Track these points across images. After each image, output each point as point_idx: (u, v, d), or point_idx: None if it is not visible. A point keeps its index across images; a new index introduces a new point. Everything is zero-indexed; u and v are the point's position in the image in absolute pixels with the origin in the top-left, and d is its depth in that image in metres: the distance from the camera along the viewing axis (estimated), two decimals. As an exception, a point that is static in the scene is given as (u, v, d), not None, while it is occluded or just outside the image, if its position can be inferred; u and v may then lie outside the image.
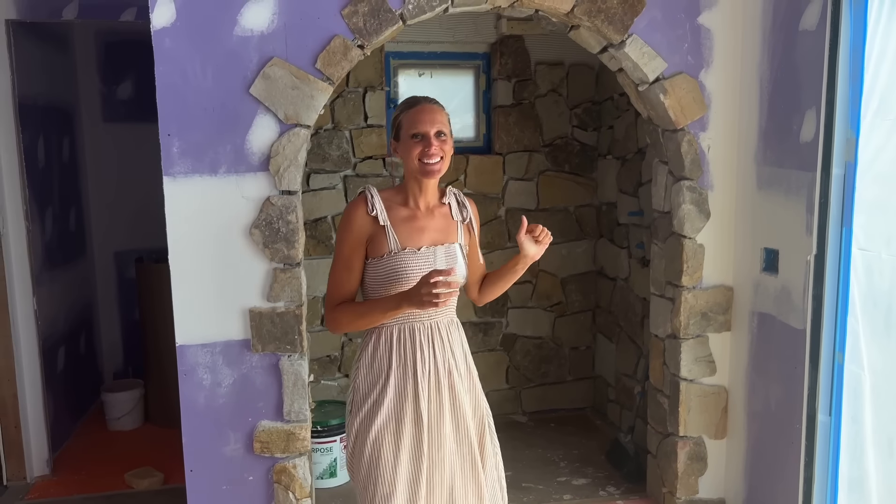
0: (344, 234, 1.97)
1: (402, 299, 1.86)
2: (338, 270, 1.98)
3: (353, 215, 1.96)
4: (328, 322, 2.01)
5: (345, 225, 1.97)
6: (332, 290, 1.99)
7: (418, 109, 2.00)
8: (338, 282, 1.98)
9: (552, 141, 4.35)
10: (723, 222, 2.92)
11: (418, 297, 1.80)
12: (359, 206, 1.97)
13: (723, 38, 2.83)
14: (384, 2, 2.57)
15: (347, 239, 1.97)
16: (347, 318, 1.97)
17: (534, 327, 4.49)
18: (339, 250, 1.98)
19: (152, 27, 2.45)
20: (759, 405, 2.85)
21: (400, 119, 2.02)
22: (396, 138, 2.03)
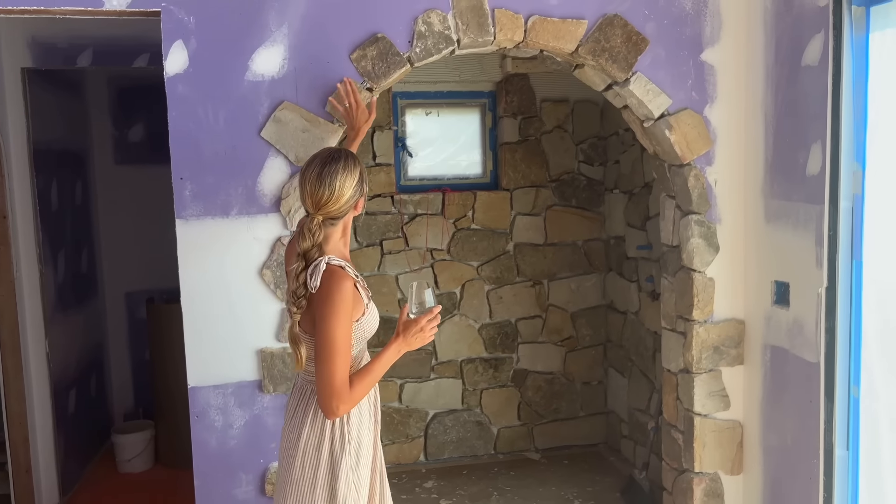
0: (344, 309, 1.84)
1: (401, 346, 1.97)
2: (345, 349, 1.84)
3: (347, 291, 1.86)
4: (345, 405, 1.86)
5: (342, 302, 1.84)
6: (343, 372, 1.84)
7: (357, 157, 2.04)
8: (346, 360, 1.86)
9: (559, 176, 4.39)
10: (732, 256, 2.92)
11: (420, 337, 1.95)
12: (347, 278, 1.88)
13: (726, 74, 2.86)
14: (392, 45, 2.62)
15: (346, 313, 1.86)
16: (363, 390, 1.91)
17: (545, 362, 4.47)
18: (340, 328, 1.83)
19: (165, 74, 2.50)
20: (774, 440, 2.82)
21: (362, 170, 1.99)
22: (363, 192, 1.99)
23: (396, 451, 4.32)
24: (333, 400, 1.83)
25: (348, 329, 1.86)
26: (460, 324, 4.36)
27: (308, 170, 1.93)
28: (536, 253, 4.40)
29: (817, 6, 2.48)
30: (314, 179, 1.90)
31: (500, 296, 4.39)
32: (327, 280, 1.85)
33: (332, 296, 1.84)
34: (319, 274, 1.86)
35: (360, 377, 1.91)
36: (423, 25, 2.63)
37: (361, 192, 1.98)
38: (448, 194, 4.28)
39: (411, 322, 1.97)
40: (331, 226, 1.95)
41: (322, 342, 1.84)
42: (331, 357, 1.82)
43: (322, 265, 1.87)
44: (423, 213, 4.26)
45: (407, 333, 1.96)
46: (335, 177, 1.90)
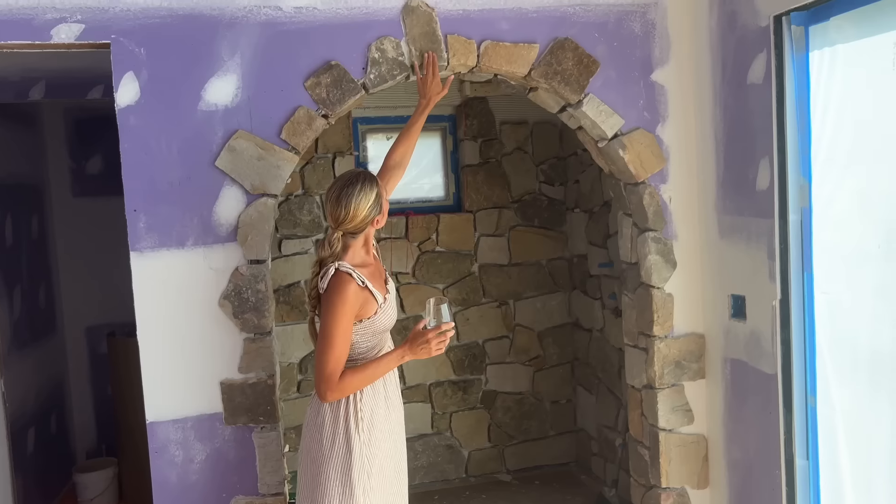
0: (343, 310, 2.12)
1: (405, 353, 2.18)
2: (340, 345, 2.11)
3: (349, 293, 2.13)
4: (332, 393, 2.13)
5: (342, 304, 2.12)
6: (334, 363, 2.11)
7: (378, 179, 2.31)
8: (340, 355, 2.13)
9: (521, 197, 4.42)
10: (689, 271, 2.97)
11: (425, 349, 2.15)
12: (351, 282, 2.13)
13: (676, 93, 2.93)
14: (346, 72, 2.63)
15: (347, 314, 2.13)
16: (356, 384, 2.17)
17: (513, 383, 4.47)
18: (337, 326, 2.11)
19: (117, 105, 2.48)
20: (738, 452, 2.85)
21: (380, 192, 2.25)
22: (380, 211, 2.25)
23: (367, 478, 4.27)
24: (322, 385, 2.11)
25: (346, 326, 2.12)
26: (427, 347, 4.33)
27: (330, 190, 2.21)
28: (501, 273, 4.42)
29: (759, 26, 2.55)
30: (334, 200, 2.19)
31: (466, 317, 4.39)
32: (333, 283, 2.14)
33: (333, 297, 2.12)
34: (328, 278, 2.16)
35: (353, 371, 2.15)
36: (376, 52, 2.66)
37: (379, 210, 2.23)
38: (411, 217, 4.28)
39: (420, 333, 2.17)
40: (352, 238, 2.23)
41: (321, 335, 2.14)
42: (325, 349, 2.11)
43: (331, 270, 2.16)
44: (386, 237, 4.26)
45: (413, 343, 2.17)
46: (351, 199, 2.16)
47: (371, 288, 2.18)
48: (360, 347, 2.24)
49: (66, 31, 2.42)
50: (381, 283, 2.29)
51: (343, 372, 2.13)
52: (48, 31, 2.41)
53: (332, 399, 2.16)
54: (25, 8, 2.39)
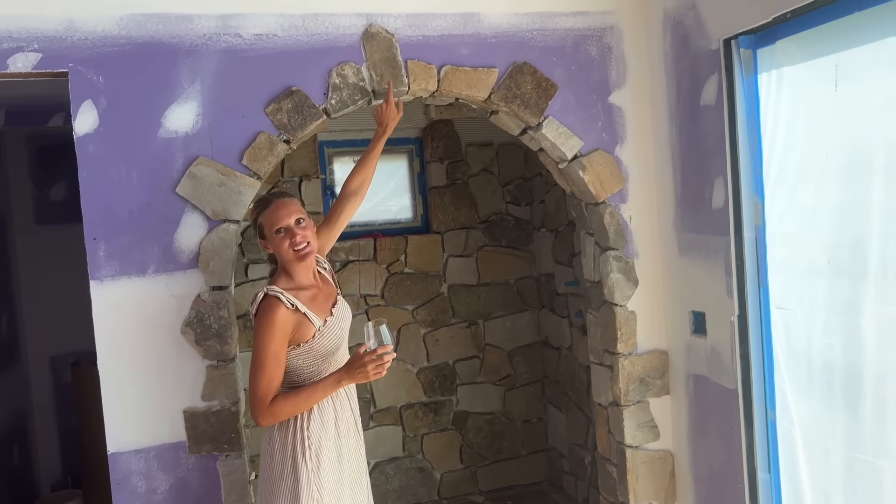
0: (271, 333, 2.11)
1: (342, 377, 2.14)
2: (269, 368, 2.11)
3: (277, 316, 2.12)
4: (264, 418, 2.12)
5: (269, 326, 2.11)
6: (264, 387, 2.11)
7: (273, 207, 2.24)
8: (271, 378, 2.12)
9: (488, 217, 4.46)
10: (651, 288, 3.01)
11: (362, 373, 2.10)
12: (278, 306, 2.13)
13: (633, 114, 2.99)
14: (307, 98, 2.65)
15: (275, 337, 2.11)
16: (289, 409, 2.15)
17: (484, 403, 4.47)
18: (266, 349, 2.11)
19: (75, 133, 2.47)
20: (703, 467, 2.88)
21: (260, 221, 2.25)
22: (262, 237, 2.26)
23: (338, 503, 4.23)
24: (254, 409, 2.11)
25: (275, 350, 2.10)
26: (398, 369, 4.34)
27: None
28: (470, 293, 4.44)
29: (710, 49, 2.62)
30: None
31: (436, 338, 4.40)
32: (261, 307, 2.14)
33: (260, 320, 2.13)
34: (256, 302, 2.16)
35: (286, 395, 2.14)
36: (337, 78, 2.68)
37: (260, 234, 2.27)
38: (380, 239, 4.30)
39: (358, 356, 2.11)
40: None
41: (252, 358, 2.13)
42: (255, 372, 2.11)
43: (259, 295, 2.16)
44: (354, 259, 4.26)
45: (350, 367, 2.13)
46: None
47: (306, 311, 2.16)
48: (305, 373, 2.22)
49: (22, 60, 2.41)
50: (324, 306, 2.26)
51: (275, 397, 2.12)
52: (4, 60, 2.40)
53: (266, 424, 2.15)
54: (-19, 37, 2.38)
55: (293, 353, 2.18)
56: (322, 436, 2.21)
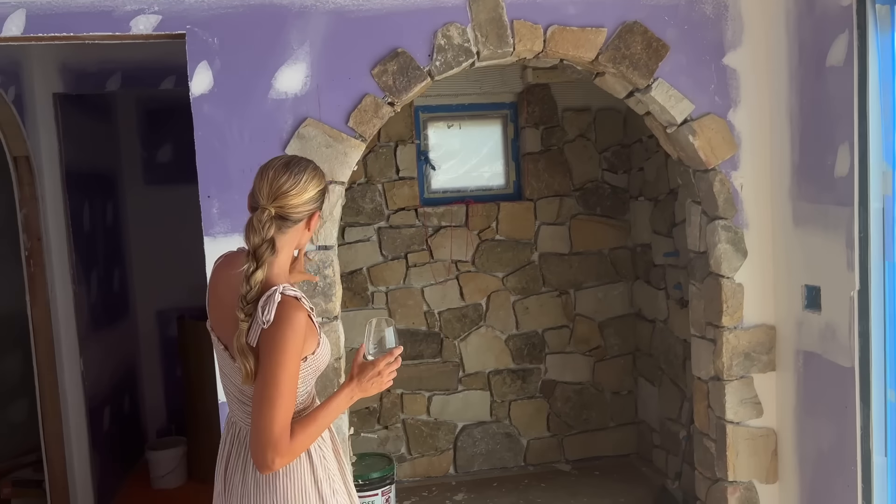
0: (293, 347, 1.62)
1: (354, 392, 1.75)
2: (289, 394, 1.61)
3: (300, 324, 1.63)
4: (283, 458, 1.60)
5: (292, 337, 1.62)
6: (283, 419, 1.59)
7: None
8: (290, 407, 1.61)
9: (582, 185, 4.37)
10: (761, 260, 2.89)
11: (377, 383, 1.74)
12: (302, 310, 1.65)
13: (749, 77, 2.84)
14: (412, 60, 2.64)
15: (296, 353, 1.63)
16: (307, 440, 1.66)
17: (573, 373, 4.44)
18: (287, 368, 1.61)
19: (191, 94, 2.55)
20: (810, 447, 2.76)
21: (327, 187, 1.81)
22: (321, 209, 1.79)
23: (426, 463, 4.32)
24: (269, 451, 1.58)
25: (295, 372, 1.63)
26: (487, 335, 4.35)
27: (271, 162, 1.74)
28: (562, 262, 4.38)
29: (840, 6, 2.45)
30: (279, 167, 1.70)
31: (526, 306, 4.38)
32: (281, 313, 1.61)
33: (283, 333, 1.60)
34: (274, 306, 1.61)
35: (303, 426, 1.65)
36: (442, 39, 2.66)
37: (319, 206, 1.77)
38: (471, 206, 4.28)
39: (367, 364, 1.76)
40: (280, 232, 1.69)
41: (265, 384, 1.59)
42: (273, 402, 1.58)
43: (277, 296, 1.62)
44: (447, 225, 4.27)
45: (362, 377, 1.75)
46: (305, 170, 1.71)
47: (313, 318, 1.73)
48: (302, 395, 1.75)
49: (143, 22, 2.50)
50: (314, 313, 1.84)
51: (291, 428, 1.62)
52: (127, 22, 2.49)
53: (281, 466, 1.63)
54: (106, 1, 2.48)
55: None
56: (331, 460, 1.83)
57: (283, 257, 1.72)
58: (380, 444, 4.25)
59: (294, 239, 1.74)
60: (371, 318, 1.80)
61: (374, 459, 3.71)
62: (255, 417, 1.59)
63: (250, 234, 1.66)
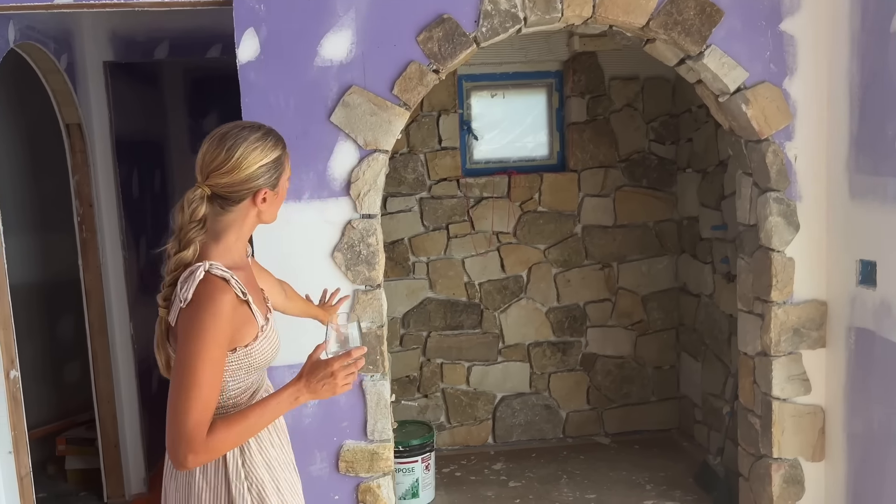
0: (214, 333, 1.43)
1: (300, 391, 1.50)
2: (208, 384, 1.43)
3: (226, 307, 1.45)
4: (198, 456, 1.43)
5: (215, 324, 1.43)
6: (199, 413, 1.41)
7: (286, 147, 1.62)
8: (208, 400, 1.43)
9: (628, 156, 4.29)
10: (813, 234, 2.80)
11: (329, 385, 1.49)
12: (228, 292, 1.47)
13: (807, 43, 2.73)
14: (458, 26, 2.61)
15: (220, 340, 1.45)
16: (232, 439, 1.48)
17: (614, 346, 4.40)
18: (205, 356, 1.42)
19: (238, 62, 2.56)
20: (860, 426, 2.70)
21: (283, 159, 1.60)
22: (274, 186, 1.58)
23: (465, 433, 4.35)
24: (181, 447, 1.40)
25: (217, 358, 1.44)
26: (527, 307, 4.33)
27: (214, 131, 1.57)
28: (605, 235, 4.33)
29: (908, -32, 2.34)
30: (215, 139, 1.54)
31: (567, 279, 4.34)
32: (201, 292, 1.44)
33: (201, 315, 1.43)
34: (194, 284, 1.45)
35: (227, 424, 1.46)
36: (489, 4, 2.61)
37: (272, 182, 1.56)
38: (514, 177, 4.25)
39: (321, 363, 1.51)
40: (222, 211, 1.54)
41: (180, 371, 1.43)
42: (186, 393, 1.41)
43: (199, 273, 1.46)
44: (488, 196, 4.25)
45: (312, 377, 1.50)
46: (241, 142, 1.51)
47: (251, 302, 1.54)
48: (232, 390, 1.57)
49: (192, -12, 2.51)
50: (259, 297, 1.64)
51: (213, 424, 1.44)
52: (175, -11, 2.51)
53: (196, 465, 1.45)
54: (155, -33, 2.49)
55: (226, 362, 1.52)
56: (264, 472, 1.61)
57: (230, 237, 1.56)
58: (420, 412, 4.30)
59: (243, 216, 1.56)
60: (335, 314, 1.58)
61: (414, 427, 3.75)
62: (168, 408, 1.42)
63: (177, 212, 1.52)
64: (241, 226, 1.59)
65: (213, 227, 1.56)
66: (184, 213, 1.52)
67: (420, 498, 3.60)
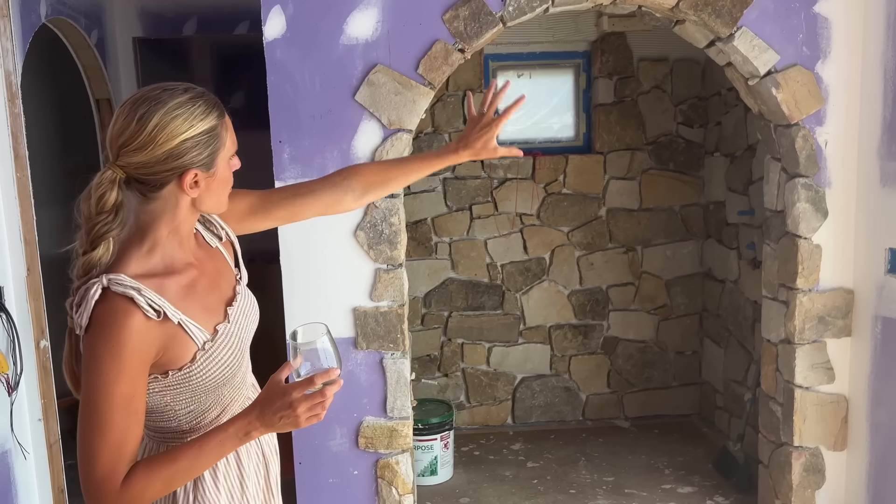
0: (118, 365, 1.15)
1: (252, 425, 1.20)
2: (118, 424, 1.16)
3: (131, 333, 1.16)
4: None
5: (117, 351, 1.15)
6: (111, 456, 1.16)
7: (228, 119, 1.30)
8: (121, 441, 1.16)
9: (656, 139, 4.24)
10: (842, 221, 2.76)
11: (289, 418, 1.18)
12: (131, 313, 1.17)
13: (842, 26, 2.67)
14: (484, 5, 2.59)
15: (128, 371, 1.16)
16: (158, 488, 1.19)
17: (636, 330, 4.38)
18: (111, 393, 1.15)
19: (264, 39, 2.57)
20: (884, 416, 2.67)
21: (219, 130, 1.25)
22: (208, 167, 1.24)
23: (484, 412, 4.38)
24: (91, 496, 1.17)
25: (127, 396, 1.17)
26: (549, 289, 4.33)
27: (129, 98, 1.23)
28: (630, 218, 4.29)
29: (950, -52, 2.26)
30: (127, 105, 1.20)
31: (591, 262, 4.33)
32: (99, 319, 1.16)
33: (99, 346, 1.16)
34: (88, 307, 1.16)
35: (149, 469, 1.19)
36: (516, -17, 2.59)
37: (204, 160, 1.23)
38: (539, 158, 4.22)
39: (279, 390, 1.19)
40: (144, 199, 1.24)
41: (82, 411, 1.17)
42: (92, 435, 1.16)
43: (94, 291, 1.16)
44: (512, 177, 4.23)
45: (266, 406, 1.19)
46: (158, 110, 1.18)
47: (181, 319, 1.23)
48: (182, 415, 1.30)
49: (219, -35, 2.52)
50: (211, 299, 1.32)
51: (134, 468, 1.18)
52: (203, -35, 2.52)
53: None
54: (183, -57, 2.50)
55: (156, 387, 1.25)
56: None
57: (161, 231, 1.25)
58: (440, 391, 4.33)
59: (172, 205, 1.24)
60: (297, 327, 1.26)
61: (434, 405, 3.78)
62: (77, 452, 1.18)
63: (83, 200, 1.20)
64: (172, 217, 1.25)
65: (138, 219, 1.25)
66: (90, 202, 1.19)
67: (438, 475, 3.64)
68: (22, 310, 2.48)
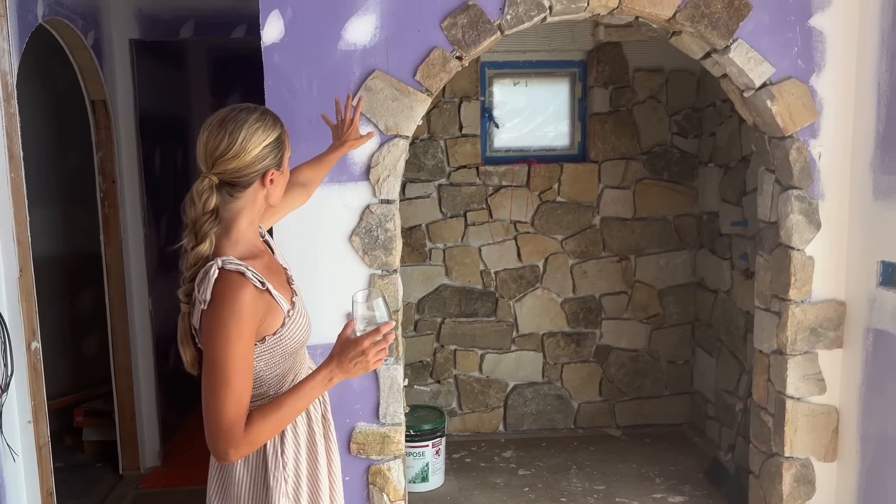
0: (238, 328, 1.45)
1: (333, 371, 1.51)
2: (240, 380, 1.45)
3: (246, 302, 1.46)
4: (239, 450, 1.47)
5: (237, 320, 1.45)
6: (235, 407, 1.44)
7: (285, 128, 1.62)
8: (242, 394, 1.46)
9: (650, 148, 4.26)
10: (835, 234, 2.78)
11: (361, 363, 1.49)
12: (246, 286, 1.47)
13: (836, 40, 2.69)
14: (483, 13, 2.60)
15: (245, 334, 1.46)
16: (270, 429, 1.50)
17: (629, 339, 4.40)
18: (233, 352, 1.44)
19: (262, 43, 2.57)
20: (874, 428, 2.68)
21: (283, 137, 1.60)
22: (279, 166, 1.59)
23: (476, 419, 4.38)
24: (221, 443, 1.45)
25: (245, 352, 1.46)
26: (542, 297, 4.34)
27: (210, 119, 1.55)
28: (624, 227, 4.31)
29: (944, -35, 2.29)
30: (214, 126, 1.51)
31: (584, 270, 4.34)
32: (219, 290, 1.45)
33: (222, 314, 1.44)
34: (210, 284, 1.46)
35: (263, 414, 1.48)
36: (514, -8, 2.60)
37: (277, 162, 1.57)
38: (534, 166, 4.23)
39: (351, 342, 1.50)
40: (230, 198, 1.54)
41: (210, 370, 1.45)
42: (219, 391, 1.43)
43: (213, 271, 1.47)
44: (507, 184, 4.24)
45: (343, 356, 1.49)
46: (242, 126, 1.50)
47: (272, 289, 1.53)
48: (270, 378, 1.60)
49: (218, -31, 2.52)
50: (281, 280, 1.63)
51: (250, 416, 1.47)
52: (202, -31, 2.52)
53: (238, 458, 1.49)
54: (183, -54, 2.50)
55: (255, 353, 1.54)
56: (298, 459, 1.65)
57: (242, 224, 1.57)
58: (432, 398, 4.32)
59: (252, 201, 1.57)
60: (357, 291, 1.56)
61: (425, 412, 3.78)
62: (204, 407, 1.46)
63: (188, 205, 1.52)
64: (251, 210, 1.58)
65: (223, 216, 1.54)
66: (196, 206, 1.51)
67: (430, 482, 3.63)
68: (13, 311, 2.46)
